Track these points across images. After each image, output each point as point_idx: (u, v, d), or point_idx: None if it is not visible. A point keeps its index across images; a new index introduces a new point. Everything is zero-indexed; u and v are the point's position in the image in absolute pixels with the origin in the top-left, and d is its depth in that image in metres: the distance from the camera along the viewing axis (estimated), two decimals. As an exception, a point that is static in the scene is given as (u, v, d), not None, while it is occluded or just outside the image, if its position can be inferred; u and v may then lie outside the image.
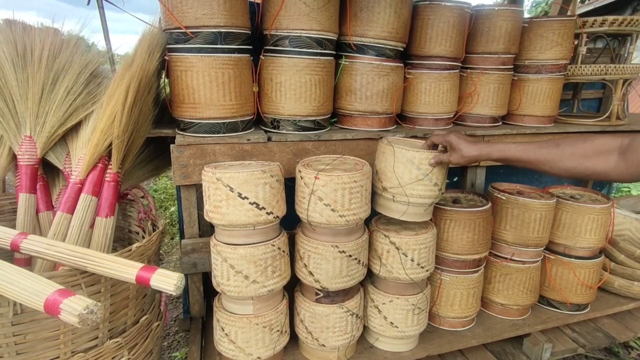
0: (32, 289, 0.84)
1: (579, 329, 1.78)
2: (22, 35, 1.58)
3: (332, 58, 1.52)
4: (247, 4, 1.40)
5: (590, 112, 2.35)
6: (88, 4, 3.33)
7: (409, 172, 1.28)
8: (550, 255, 1.74)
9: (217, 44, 1.33)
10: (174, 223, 3.78)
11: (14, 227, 1.54)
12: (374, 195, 1.39)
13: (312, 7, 1.38)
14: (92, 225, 1.44)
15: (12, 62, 1.50)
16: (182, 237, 1.62)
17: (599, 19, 1.82)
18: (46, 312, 0.83)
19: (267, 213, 1.19)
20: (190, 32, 1.31)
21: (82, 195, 1.42)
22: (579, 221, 1.65)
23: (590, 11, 7.19)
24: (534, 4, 9.56)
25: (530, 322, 1.71)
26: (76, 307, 0.79)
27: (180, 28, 1.31)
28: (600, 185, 2.52)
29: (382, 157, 1.35)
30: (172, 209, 4.09)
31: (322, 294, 1.35)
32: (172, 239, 3.56)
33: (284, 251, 1.30)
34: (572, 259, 1.70)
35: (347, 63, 1.57)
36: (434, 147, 1.32)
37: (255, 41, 1.51)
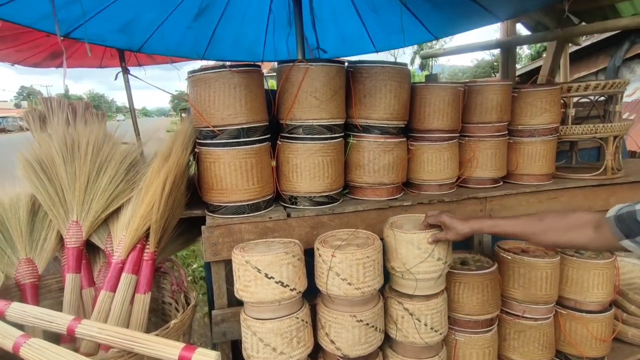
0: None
1: (599, 382, 1.80)
2: (71, 132, 1.81)
3: (341, 139, 1.71)
4: (265, 102, 1.61)
5: (589, 163, 2.46)
6: (115, 79, 3.70)
7: (412, 253, 1.40)
8: (563, 310, 1.80)
9: (240, 138, 1.53)
10: (196, 280, 3.92)
11: (60, 304, 1.70)
12: (387, 271, 1.50)
13: (321, 99, 1.59)
14: (131, 302, 1.59)
15: (62, 157, 1.72)
16: (211, 307, 1.75)
17: (583, 84, 1.99)
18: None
19: (291, 290, 1.32)
20: (217, 130, 1.52)
21: (124, 275, 1.58)
22: (585, 276, 1.73)
23: (587, 47, 7.47)
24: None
25: (549, 378, 1.75)
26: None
27: (208, 127, 1.52)
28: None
29: (387, 239, 1.49)
30: (194, 265, 4.24)
31: (343, 361, 1.44)
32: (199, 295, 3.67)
33: (307, 322, 1.42)
34: (584, 314, 1.76)
35: (354, 141, 1.75)
36: (431, 226, 1.43)
37: (272, 123, 1.70)
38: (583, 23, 3.33)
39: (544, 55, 4.17)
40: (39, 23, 2.16)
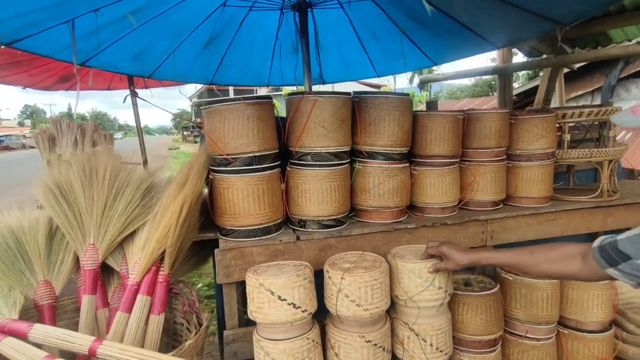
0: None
1: (602, 402, 1.83)
2: (90, 158, 1.89)
3: (347, 165, 1.80)
4: (275, 131, 1.71)
5: (586, 185, 2.54)
6: (124, 102, 3.82)
7: (413, 282, 1.48)
8: (564, 330, 1.85)
9: (252, 165, 1.62)
10: (201, 299, 3.95)
11: (75, 324, 1.75)
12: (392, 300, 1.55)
13: (328, 129, 1.68)
14: (146, 322, 1.64)
15: (80, 182, 1.79)
16: (222, 327, 1.80)
17: (577, 111, 2.09)
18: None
19: (302, 311, 1.38)
20: (231, 158, 1.60)
21: (139, 296, 1.64)
22: (585, 297, 1.79)
23: (582, 66, 7.65)
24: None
25: (553, 397, 1.78)
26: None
27: (223, 155, 1.61)
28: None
29: (390, 268, 1.54)
30: (199, 284, 4.27)
31: (352, 381, 1.49)
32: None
33: (317, 342, 1.47)
34: (585, 333, 1.81)
35: (360, 167, 1.84)
36: (432, 256, 1.51)
37: (281, 149, 1.78)
38: (577, 49, 3.47)
39: (541, 74, 4.31)
40: (59, 53, 2.28)
